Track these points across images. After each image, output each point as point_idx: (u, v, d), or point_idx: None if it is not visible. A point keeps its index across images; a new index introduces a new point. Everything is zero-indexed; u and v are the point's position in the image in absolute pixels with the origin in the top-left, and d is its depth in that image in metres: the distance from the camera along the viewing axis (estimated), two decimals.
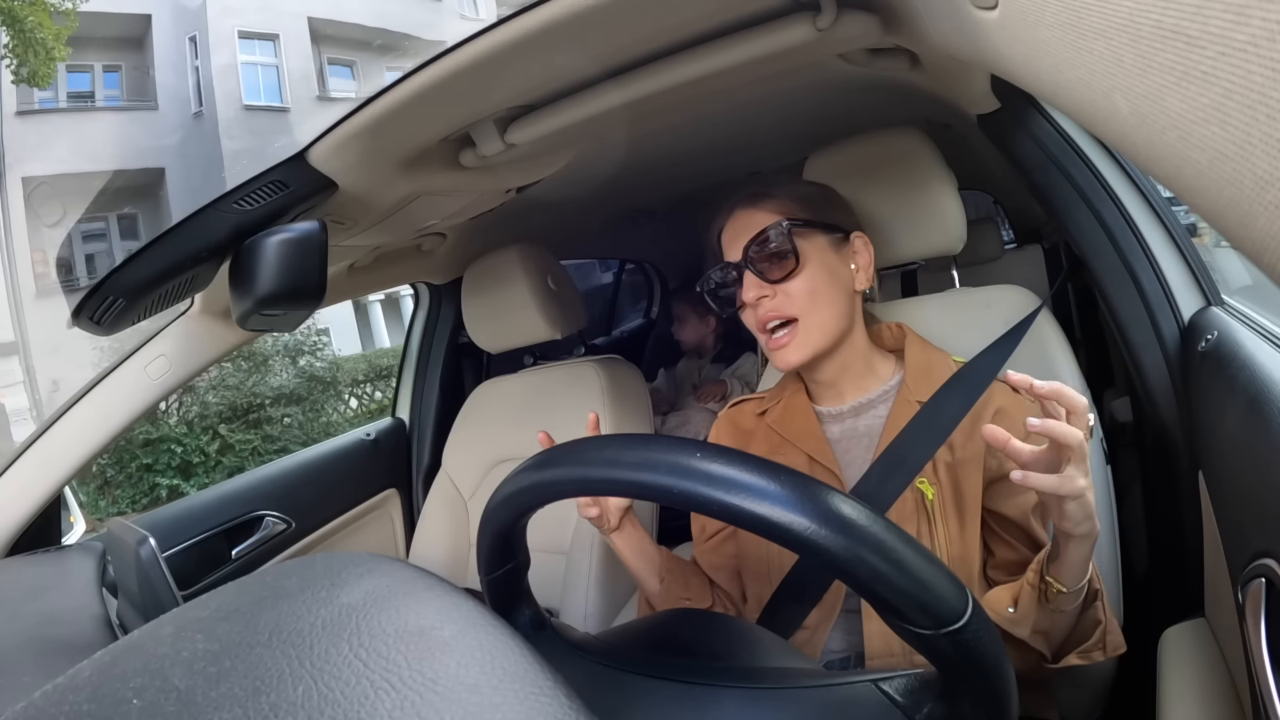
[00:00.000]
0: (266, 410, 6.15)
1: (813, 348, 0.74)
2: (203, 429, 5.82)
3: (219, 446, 5.84)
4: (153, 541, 0.71)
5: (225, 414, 5.99)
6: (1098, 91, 0.25)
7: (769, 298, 0.74)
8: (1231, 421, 0.57)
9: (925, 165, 0.88)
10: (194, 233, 0.69)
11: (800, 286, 0.73)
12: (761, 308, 0.74)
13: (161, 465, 5.58)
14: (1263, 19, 0.16)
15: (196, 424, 5.82)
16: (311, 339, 6.63)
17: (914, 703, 0.41)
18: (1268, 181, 0.17)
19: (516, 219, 1.28)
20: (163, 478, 5.55)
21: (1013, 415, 0.72)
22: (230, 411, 6.01)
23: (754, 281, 0.74)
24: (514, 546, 0.51)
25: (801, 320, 0.74)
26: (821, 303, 0.74)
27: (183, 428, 5.74)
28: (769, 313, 0.74)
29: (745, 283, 0.74)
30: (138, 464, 5.58)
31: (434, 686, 0.24)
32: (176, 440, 5.64)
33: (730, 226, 0.78)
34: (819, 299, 0.74)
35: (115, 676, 0.26)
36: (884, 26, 0.61)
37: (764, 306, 0.74)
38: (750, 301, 0.75)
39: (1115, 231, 0.80)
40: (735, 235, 0.76)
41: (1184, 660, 0.65)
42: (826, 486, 0.36)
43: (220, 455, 5.83)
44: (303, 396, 6.35)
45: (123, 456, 5.56)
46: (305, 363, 6.52)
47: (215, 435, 5.85)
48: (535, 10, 0.52)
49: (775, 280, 0.74)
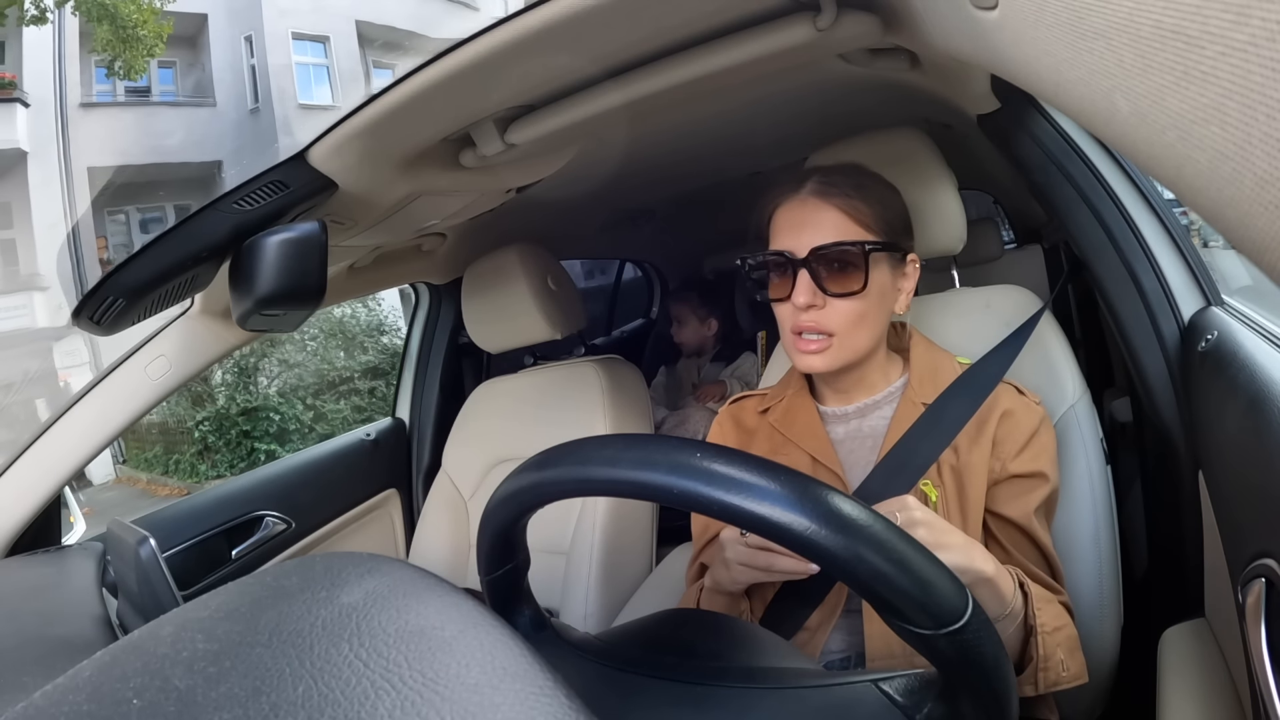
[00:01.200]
0: (355, 383, 6.75)
1: (841, 362, 0.73)
2: (298, 399, 6.43)
3: (313, 416, 6.42)
4: (153, 541, 0.71)
5: (318, 386, 6.59)
6: (1098, 91, 0.25)
7: (818, 308, 0.71)
8: (1231, 421, 0.57)
9: (925, 165, 0.88)
10: (194, 233, 0.69)
11: (853, 307, 0.70)
12: (805, 314, 0.71)
13: (259, 432, 6.15)
14: (1262, 19, 0.16)
15: (292, 395, 6.43)
16: (391, 319, 7.19)
17: (914, 703, 0.41)
18: (1268, 181, 0.17)
19: (516, 219, 1.28)
20: (260, 443, 6.11)
21: (1018, 417, 0.72)
22: (323, 384, 6.61)
23: (810, 287, 0.70)
24: (514, 546, 0.51)
25: (838, 337, 0.71)
26: (865, 325, 0.72)
27: (279, 398, 6.33)
28: (810, 323, 0.71)
29: (799, 285, 0.70)
30: (237, 430, 6.14)
31: (434, 686, 0.24)
32: (274, 409, 6.24)
33: (793, 212, 0.72)
34: (864, 322, 0.71)
35: (115, 676, 0.26)
36: (884, 26, 0.61)
37: (809, 314, 0.71)
38: (800, 305, 0.71)
39: (1115, 231, 0.80)
40: (797, 225, 0.71)
41: (1184, 660, 0.65)
42: (827, 486, 0.36)
43: (314, 424, 6.39)
44: (386, 371, 6.88)
45: (223, 424, 6.14)
46: (388, 340, 7.07)
47: (309, 405, 6.47)
48: (535, 10, 0.52)
49: (832, 293, 0.70)
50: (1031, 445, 0.72)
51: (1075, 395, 0.82)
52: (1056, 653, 0.63)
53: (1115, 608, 0.77)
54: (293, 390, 6.51)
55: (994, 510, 0.71)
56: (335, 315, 6.62)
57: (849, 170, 0.74)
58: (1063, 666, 0.63)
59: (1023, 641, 0.63)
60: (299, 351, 6.64)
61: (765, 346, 1.91)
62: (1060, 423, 0.80)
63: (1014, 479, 0.71)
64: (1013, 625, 0.61)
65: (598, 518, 1.18)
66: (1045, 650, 0.62)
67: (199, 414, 6.26)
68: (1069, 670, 0.63)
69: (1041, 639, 0.62)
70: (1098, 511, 0.78)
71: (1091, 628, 0.75)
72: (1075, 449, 0.80)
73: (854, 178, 0.73)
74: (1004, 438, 0.72)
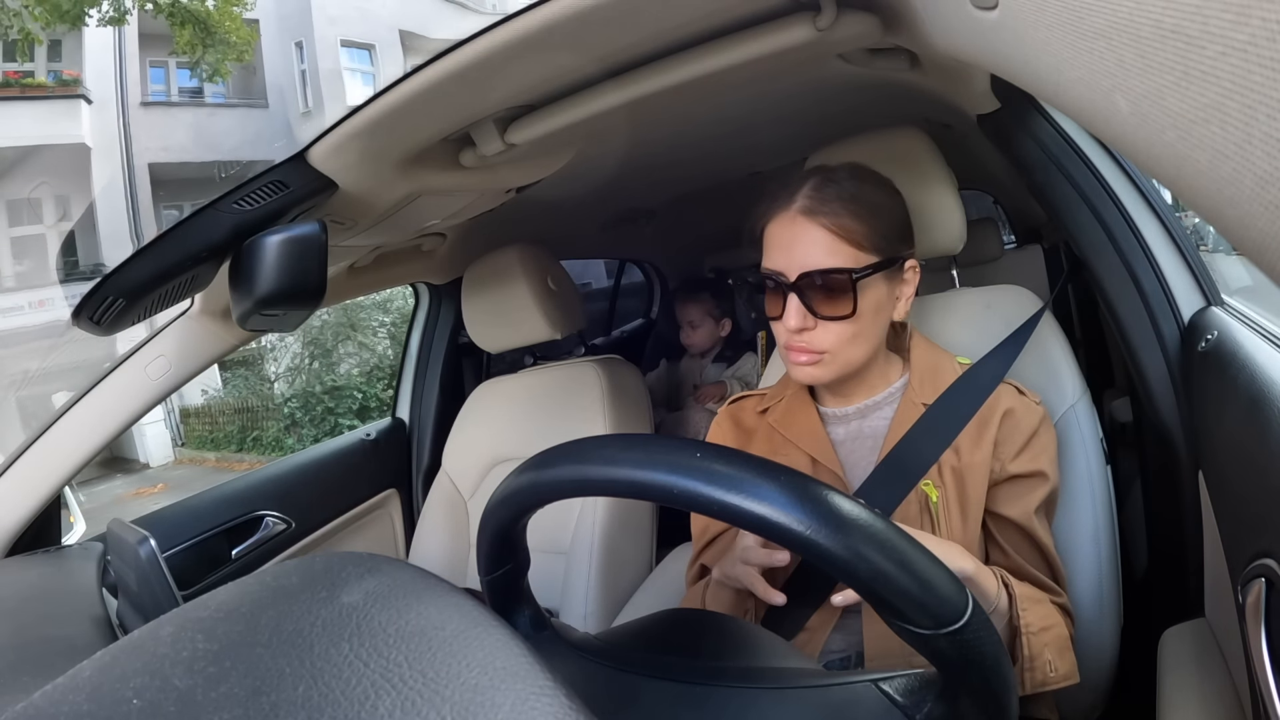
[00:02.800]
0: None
1: (835, 375, 0.73)
2: (377, 379, 6.88)
3: (391, 394, 6.93)
4: (153, 541, 0.71)
5: (394, 369, 7.00)
6: (1098, 91, 0.25)
7: (809, 329, 0.70)
8: (1231, 421, 0.57)
9: (925, 165, 0.88)
10: (194, 233, 0.69)
11: (844, 330, 0.70)
12: (797, 336, 0.71)
13: (343, 409, 6.70)
14: (1262, 18, 0.16)
15: (373, 376, 6.90)
16: None
17: (914, 703, 0.41)
18: (1268, 180, 0.17)
19: (516, 219, 1.28)
20: (343, 419, 6.66)
21: (1019, 417, 0.72)
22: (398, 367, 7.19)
23: (800, 311, 0.69)
24: (514, 546, 0.51)
25: (830, 354, 0.71)
26: (858, 342, 0.71)
27: (362, 379, 6.88)
28: (801, 344, 0.71)
29: (789, 308, 0.70)
30: (322, 407, 6.72)
31: (434, 686, 0.24)
32: (357, 388, 6.81)
33: (782, 230, 0.71)
34: (857, 340, 0.71)
35: (115, 676, 0.26)
36: (884, 26, 0.61)
37: (800, 335, 0.71)
38: (791, 329, 0.70)
39: (1115, 231, 0.80)
40: (786, 245, 0.70)
41: (1184, 660, 0.65)
42: (826, 486, 0.36)
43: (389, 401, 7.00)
44: None
45: (309, 401, 6.78)
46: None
47: (389, 385, 6.82)
48: (535, 10, 0.52)
49: (822, 316, 0.70)
50: (1031, 445, 0.71)
51: (1075, 395, 0.82)
52: (1044, 653, 0.63)
53: (1115, 608, 0.77)
54: (375, 370, 6.93)
55: (994, 510, 0.71)
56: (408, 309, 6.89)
57: (846, 176, 0.71)
58: (1050, 667, 0.63)
59: (1008, 642, 0.63)
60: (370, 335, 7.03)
61: (765, 347, 1.91)
62: (1060, 423, 0.80)
63: (1013, 479, 0.71)
64: (998, 625, 0.61)
65: (598, 518, 1.18)
66: (1031, 650, 0.62)
67: (288, 393, 6.91)
68: (1057, 670, 0.63)
69: (1027, 639, 0.62)
70: (1098, 512, 0.78)
71: (1091, 627, 0.75)
72: (1075, 449, 0.80)
73: (849, 186, 0.70)
74: (1004, 438, 0.72)
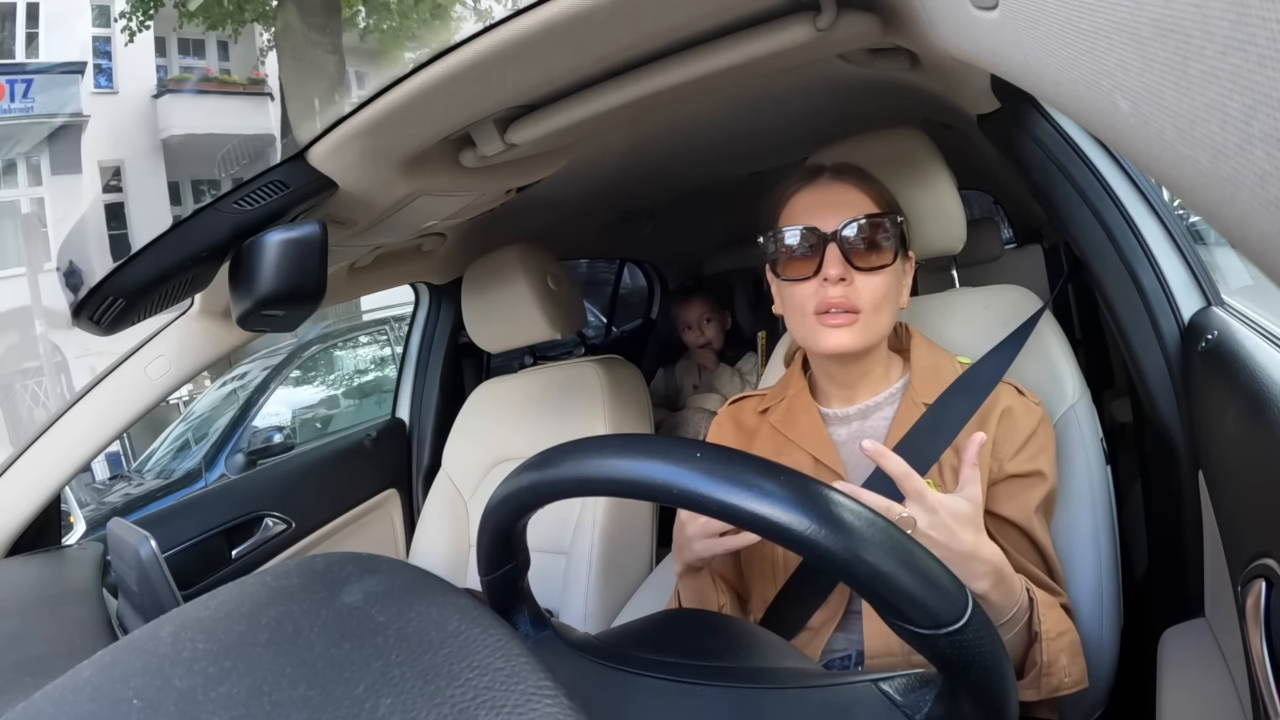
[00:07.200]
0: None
1: (865, 342, 0.72)
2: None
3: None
4: (153, 542, 0.71)
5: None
6: (1098, 91, 0.25)
7: (846, 283, 0.70)
8: (1231, 421, 0.57)
9: (925, 165, 0.88)
10: (194, 233, 0.69)
11: (879, 284, 0.71)
12: (834, 289, 0.70)
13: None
14: (1263, 18, 0.16)
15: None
16: None
17: (914, 703, 0.41)
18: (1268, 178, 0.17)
19: (516, 219, 1.28)
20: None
21: (1017, 417, 0.72)
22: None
23: (839, 260, 0.70)
24: (514, 546, 0.51)
25: (864, 314, 0.71)
26: (885, 307, 0.72)
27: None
28: (838, 298, 0.70)
29: (829, 258, 0.70)
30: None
31: (434, 686, 0.24)
32: None
33: (815, 194, 0.73)
34: (885, 304, 0.72)
35: (115, 676, 0.26)
36: (884, 26, 0.61)
37: (837, 289, 0.70)
38: (831, 279, 0.70)
39: (1115, 231, 0.80)
40: (821, 205, 0.72)
41: (1184, 660, 0.65)
42: (826, 486, 0.36)
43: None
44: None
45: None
46: None
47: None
48: (535, 10, 0.52)
49: (860, 268, 0.70)
50: (1029, 445, 0.71)
51: (1075, 395, 0.82)
52: (1060, 659, 0.63)
53: (1115, 608, 0.77)
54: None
55: (993, 511, 0.71)
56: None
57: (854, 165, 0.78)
58: (1065, 672, 0.63)
59: (1026, 646, 0.63)
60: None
61: (765, 347, 1.91)
62: (1060, 423, 0.80)
63: (1012, 479, 0.71)
64: (1015, 629, 0.61)
65: (598, 518, 1.18)
66: (1049, 656, 0.62)
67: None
68: (1071, 676, 0.63)
69: (1046, 645, 0.62)
70: (1098, 512, 0.78)
71: (1091, 628, 0.75)
72: (1075, 449, 0.80)
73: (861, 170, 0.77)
74: (1003, 437, 0.72)
